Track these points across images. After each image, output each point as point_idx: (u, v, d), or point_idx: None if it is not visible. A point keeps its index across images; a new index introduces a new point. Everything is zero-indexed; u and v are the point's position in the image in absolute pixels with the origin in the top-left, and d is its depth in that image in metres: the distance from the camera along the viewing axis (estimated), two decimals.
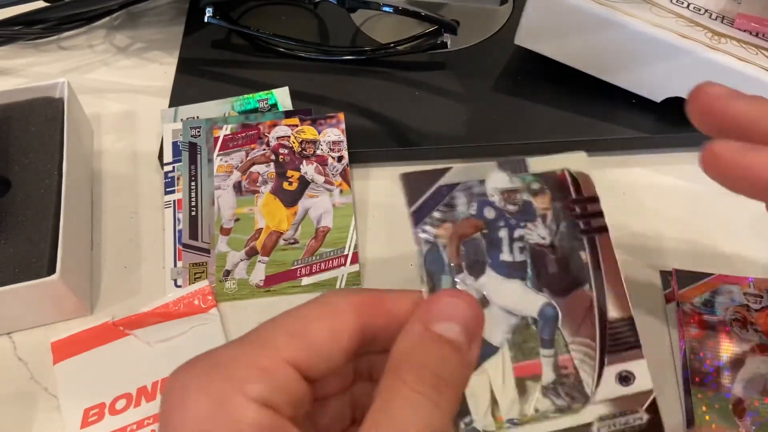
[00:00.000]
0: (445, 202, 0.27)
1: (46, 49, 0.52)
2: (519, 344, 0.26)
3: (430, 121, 0.45)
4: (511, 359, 0.26)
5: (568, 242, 0.27)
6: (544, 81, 0.47)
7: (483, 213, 0.27)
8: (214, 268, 0.40)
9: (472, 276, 0.26)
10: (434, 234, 0.26)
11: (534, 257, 0.27)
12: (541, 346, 0.26)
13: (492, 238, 0.27)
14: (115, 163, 0.45)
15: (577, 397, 0.26)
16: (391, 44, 0.49)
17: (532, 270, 0.27)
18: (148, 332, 0.37)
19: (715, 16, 0.43)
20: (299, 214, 0.41)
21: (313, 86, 0.48)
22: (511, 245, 0.27)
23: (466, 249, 0.27)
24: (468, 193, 0.27)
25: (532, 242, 0.27)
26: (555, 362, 0.26)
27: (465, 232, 0.27)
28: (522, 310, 0.26)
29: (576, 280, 0.27)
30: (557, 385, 0.26)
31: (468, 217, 0.27)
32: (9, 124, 0.42)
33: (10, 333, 0.39)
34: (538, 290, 0.26)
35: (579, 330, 0.26)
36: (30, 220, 0.38)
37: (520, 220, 0.27)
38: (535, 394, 0.26)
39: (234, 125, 0.44)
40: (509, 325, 0.26)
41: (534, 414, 0.26)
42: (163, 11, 0.55)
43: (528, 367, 0.26)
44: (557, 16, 0.42)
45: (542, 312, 0.26)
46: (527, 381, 0.26)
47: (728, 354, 0.35)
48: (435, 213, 0.27)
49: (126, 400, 0.35)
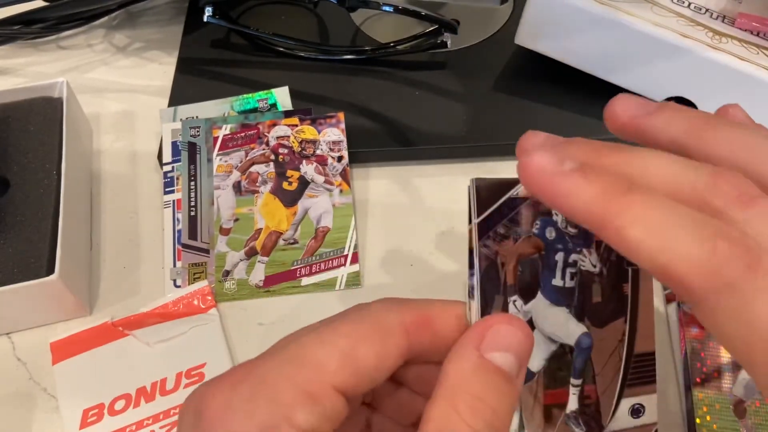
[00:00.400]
0: (510, 216, 0.25)
1: (45, 48, 0.52)
2: (553, 371, 0.26)
3: (430, 121, 0.45)
4: (544, 386, 0.26)
5: (615, 273, 0.26)
6: (544, 81, 0.47)
7: (545, 233, 0.26)
8: (214, 268, 0.40)
9: (522, 299, 0.25)
10: (495, 251, 0.25)
11: (582, 284, 0.26)
12: (572, 375, 0.26)
13: (548, 261, 0.26)
14: (115, 162, 0.45)
15: (594, 427, 0.26)
16: (391, 44, 0.49)
17: (578, 298, 0.26)
18: (148, 332, 0.37)
19: (716, 15, 0.43)
20: (299, 214, 0.41)
21: (313, 86, 0.48)
22: (564, 270, 0.26)
23: (522, 270, 0.25)
24: (534, 209, 0.25)
25: (584, 269, 0.26)
26: (581, 391, 0.26)
27: (525, 251, 0.25)
28: (562, 337, 0.26)
29: (615, 312, 0.26)
30: (578, 414, 0.26)
31: (530, 236, 0.25)
32: (8, 123, 0.42)
33: (9, 333, 0.38)
34: (579, 319, 0.26)
35: (607, 361, 0.26)
36: (29, 220, 0.38)
37: (577, 245, 0.26)
38: (558, 422, 0.26)
39: (233, 125, 0.44)
40: (548, 352, 0.26)
41: None
42: (162, 11, 0.55)
43: (557, 395, 0.26)
44: (558, 15, 0.42)
45: (579, 341, 0.26)
46: (554, 408, 0.26)
47: (729, 355, 0.35)
48: (499, 228, 0.25)
49: (125, 401, 0.35)
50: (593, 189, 0.19)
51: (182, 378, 0.36)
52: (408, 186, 0.44)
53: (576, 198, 0.19)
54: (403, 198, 0.43)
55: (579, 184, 0.19)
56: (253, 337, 0.38)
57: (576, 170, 0.20)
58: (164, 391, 0.35)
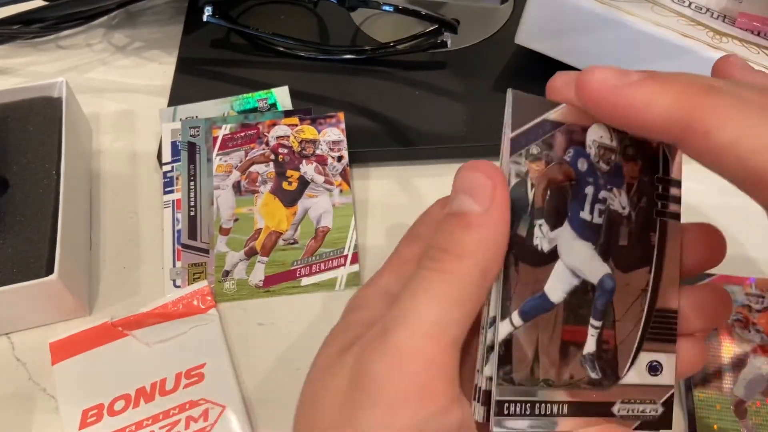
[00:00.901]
0: (544, 138, 0.25)
1: (45, 48, 0.52)
2: (574, 307, 0.25)
3: (430, 121, 0.45)
4: (563, 320, 0.25)
5: (644, 219, 0.26)
6: (544, 81, 0.46)
7: (577, 163, 0.25)
8: (213, 268, 0.40)
9: (549, 225, 0.25)
10: (526, 169, 0.25)
11: (610, 224, 0.25)
12: (593, 315, 0.25)
13: (578, 192, 0.25)
14: (114, 162, 0.45)
15: (609, 374, 0.25)
16: (391, 43, 0.49)
17: (605, 236, 0.25)
18: (147, 333, 0.37)
19: (716, 15, 0.43)
20: (299, 214, 0.41)
21: (313, 86, 0.48)
22: (593, 205, 0.25)
23: (551, 195, 0.25)
24: (569, 137, 0.25)
25: (613, 208, 0.25)
26: (600, 334, 0.25)
27: (555, 177, 0.25)
28: (586, 273, 0.25)
29: (641, 259, 0.26)
30: (595, 357, 0.25)
31: (561, 163, 0.25)
32: (7, 123, 0.42)
33: (9, 333, 0.38)
34: (604, 258, 0.25)
35: (629, 309, 0.26)
36: (28, 220, 0.38)
37: (608, 182, 0.25)
38: (574, 361, 0.25)
39: (233, 125, 0.44)
40: (570, 285, 0.25)
41: (568, 380, 0.25)
42: (161, 10, 0.54)
43: (576, 333, 0.25)
44: (558, 15, 0.42)
45: (602, 282, 0.25)
46: (571, 346, 0.25)
47: (730, 355, 0.35)
48: (533, 147, 0.25)
49: (125, 401, 0.35)
50: (672, 93, 0.18)
51: (182, 378, 0.35)
52: (408, 186, 0.44)
53: (653, 106, 0.18)
54: (403, 198, 0.43)
55: (654, 89, 0.18)
56: (253, 337, 0.38)
57: (647, 78, 0.19)
58: (164, 391, 0.35)
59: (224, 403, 0.35)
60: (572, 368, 0.25)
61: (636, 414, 0.26)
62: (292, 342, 0.38)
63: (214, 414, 0.34)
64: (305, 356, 0.35)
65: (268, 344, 0.38)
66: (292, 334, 0.38)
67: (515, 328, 0.25)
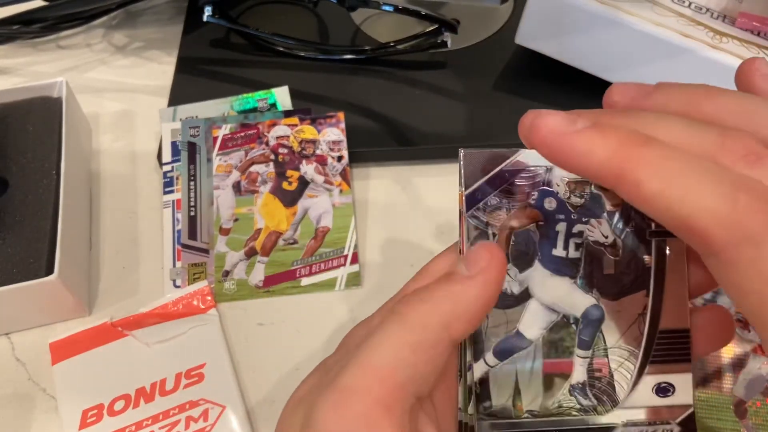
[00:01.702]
0: (503, 188, 0.25)
1: (45, 48, 0.52)
2: (555, 341, 0.25)
3: (430, 121, 0.45)
4: (543, 355, 0.25)
5: (634, 243, 0.25)
6: (544, 81, 0.47)
7: (543, 204, 0.25)
8: (213, 268, 0.40)
9: (516, 268, 0.25)
10: (485, 221, 0.25)
11: (590, 256, 0.25)
12: (578, 346, 0.25)
13: (547, 232, 0.25)
14: (114, 162, 0.45)
15: (606, 401, 0.25)
16: (391, 43, 0.49)
17: (585, 269, 0.25)
18: (147, 333, 0.37)
19: (716, 15, 0.43)
20: (299, 214, 0.41)
21: (313, 85, 0.47)
22: (567, 241, 0.25)
23: (516, 240, 0.25)
24: (531, 181, 0.25)
25: (592, 239, 0.25)
26: (590, 364, 0.25)
27: (519, 222, 0.25)
28: (565, 308, 0.25)
29: (633, 284, 0.25)
30: (586, 386, 0.25)
31: (525, 207, 0.25)
32: (7, 123, 0.42)
33: (9, 333, 0.38)
34: (587, 290, 0.25)
35: (623, 335, 0.25)
36: (28, 220, 0.38)
37: (582, 215, 0.25)
38: (560, 392, 0.25)
39: (233, 125, 0.44)
40: (548, 322, 0.25)
41: (556, 409, 0.25)
42: (161, 10, 0.54)
43: (559, 365, 0.25)
44: (558, 15, 0.42)
45: (587, 313, 0.25)
46: (556, 378, 0.25)
47: (730, 355, 0.35)
48: (491, 199, 0.25)
49: (125, 401, 0.35)
50: (609, 144, 0.19)
51: (182, 378, 0.35)
52: (408, 186, 0.44)
53: (592, 155, 0.19)
54: (403, 198, 0.43)
55: (594, 139, 0.19)
56: (252, 337, 0.38)
57: (589, 127, 0.20)
58: (164, 391, 0.35)
59: (224, 403, 0.35)
60: (560, 398, 0.25)
61: None
62: (292, 342, 0.38)
63: (214, 414, 0.34)
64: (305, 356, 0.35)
65: (268, 344, 0.38)
66: (291, 334, 0.38)
67: (491, 367, 0.25)
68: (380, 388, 0.21)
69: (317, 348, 0.37)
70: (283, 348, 0.37)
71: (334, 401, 0.21)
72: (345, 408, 0.21)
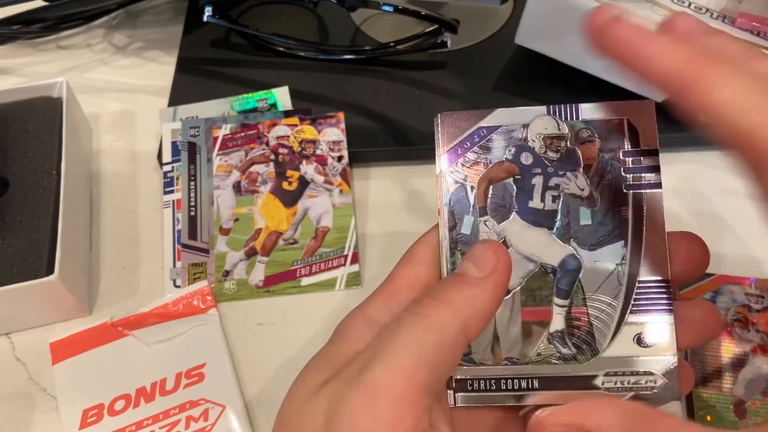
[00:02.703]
0: (481, 144, 0.27)
1: (45, 48, 0.52)
2: (533, 290, 0.26)
3: (430, 121, 0.45)
4: (522, 303, 0.26)
5: (610, 196, 0.26)
6: (544, 81, 0.46)
7: (519, 158, 0.27)
8: (214, 268, 0.40)
9: (495, 219, 0.27)
10: (464, 175, 0.27)
11: (567, 207, 0.26)
12: (556, 295, 0.26)
13: (524, 185, 0.27)
14: (114, 162, 0.45)
15: (585, 350, 0.26)
16: (391, 43, 0.49)
17: (562, 220, 0.26)
18: (147, 333, 0.37)
19: (716, 15, 0.43)
20: (299, 214, 0.41)
21: (313, 86, 0.48)
22: (544, 193, 0.27)
23: (494, 192, 0.27)
24: (508, 136, 0.27)
25: (568, 192, 0.27)
26: (568, 312, 0.26)
27: (496, 175, 0.27)
28: (542, 257, 0.26)
29: (610, 235, 0.26)
30: (565, 334, 0.26)
31: (502, 162, 0.27)
32: (7, 123, 0.42)
33: (9, 333, 0.38)
34: (564, 241, 0.26)
35: (601, 285, 0.26)
36: (28, 220, 0.38)
37: (559, 169, 0.27)
38: (540, 339, 0.26)
39: (233, 125, 0.44)
40: (525, 271, 0.26)
41: (535, 357, 0.26)
42: (162, 10, 0.54)
43: (537, 313, 0.26)
44: (558, 15, 0.42)
45: (564, 262, 0.26)
46: (534, 326, 0.26)
47: (729, 354, 0.35)
48: (469, 154, 0.27)
49: (125, 401, 0.35)
50: (682, 52, 0.21)
51: (182, 378, 0.35)
52: (408, 186, 0.44)
53: (662, 59, 0.21)
54: (403, 198, 0.43)
55: (667, 46, 0.21)
56: (252, 337, 0.38)
57: (664, 36, 0.22)
58: (164, 391, 0.35)
59: (224, 403, 0.35)
60: (540, 346, 0.26)
61: (628, 386, 0.26)
62: (292, 342, 0.38)
63: (214, 414, 0.34)
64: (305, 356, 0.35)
65: (268, 344, 0.38)
66: (291, 334, 0.38)
67: None
68: (406, 386, 0.22)
69: (317, 348, 0.37)
70: (283, 348, 0.37)
71: (363, 396, 0.22)
72: (374, 403, 0.22)
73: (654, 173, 0.27)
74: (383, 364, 0.23)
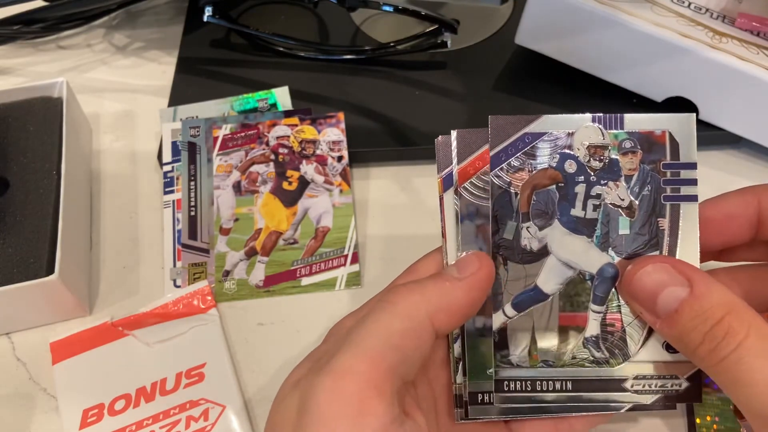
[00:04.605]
0: (526, 150, 0.27)
1: (45, 48, 0.52)
2: (570, 296, 0.27)
3: (430, 121, 0.45)
4: (559, 308, 0.27)
5: (649, 206, 0.27)
6: (544, 81, 0.47)
7: (563, 166, 0.27)
8: (214, 268, 0.40)
9: (536, 225, 0.27)
10: (508, 181, 0.27)
11: (607, 217, 0.27)
12: (593, 301, 0.27)
13: (567, 192, 0.27)
14: (114, 162, 0.45)
15: (617, 354, 0.27)
16: (391, 44, 0.49)
17: (602, 229, 0.27)
18: (148, 332, 0.37)
19: (716, 15, 0.43)
20: (299, 214, 0.41)
21: (313, 86, 0.48)
22: (585, 201, 0.27)
23: (537, 199, 0.27)
24: (553, 144, 0.27)
25: (609, 202, 0.27)
26: (603, 318, 0.27)
27: (540, 182, 0.27)
28: (581, 264, 0.27)
29: (647, 245, 0.27)
30: (599, 339, 0.27)
31: (546, 168, 0.27)
32: (7, 123, 0.42)
33: (9, 333, 0.38)
34: (603, 249, 0.27)
35: None
36: (28, 220, 0.38)
37: (601, 178, 0.27)
38: (575, 343, 0.27)
39: (233, 125, 0.44)
40: (564, 277, 0.27)
41: (570, 360, 0.27)
42: (162, 10, 0.54)
43: (574, 318, 0.27)
44: (558, 15, 0.42)
45: (602, 270, 0.27)
46: (570, 330, 0.27)
47: None
48: (513, 160, 0.27)
49: (125, 401, 0.35)
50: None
51: (182, 378, 0.35)
52: (408, 186, 0.44)
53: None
54: (403, 198, 0.43)
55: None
56: (253, 337, 0.38)
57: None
58: (164, 391, 0.35)
59: (224, 403, 0.35)
60: (574, 350, 0.27)
61: (655, 389, 0.27)
62: (292, 342, 0.38)
63: (214, 414, 0.34)
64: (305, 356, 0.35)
65: (268, 344, 0.38)
66: (292, 334, 0.38)
67: (509, 318, 0.27)
68: (372, 371, 0.22)
69: None
70: (283, 348, 0.37)
71: (330, 383, 0.22)
72: (340, 389, 0.22)
73: (691, 186, 0.27)
74: (350, 350, 0.23)
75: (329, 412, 0.22)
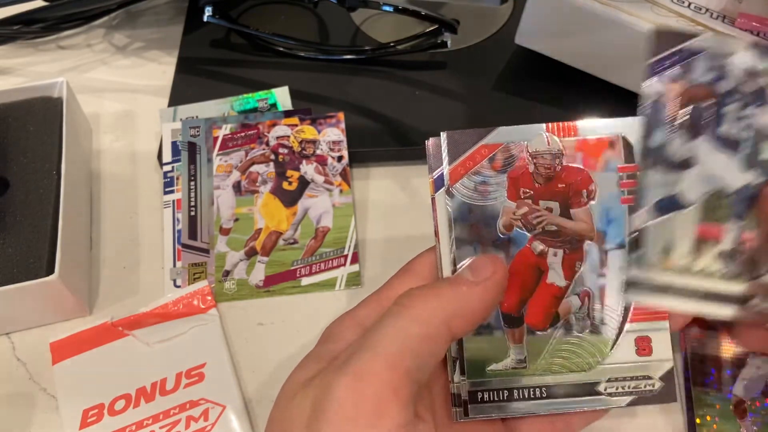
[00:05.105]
0: (683, 63, 0.28)
1: (45, 48, 0.52)
2: (710, 208, 0.27)
3: (430, 121, 0.45)
4: (698, 219, 0.27)
5: None
6: (544, 81, 0.47)
7: (718, 84, 0.28)
8: (214, 268, 0.40)
9: (687, 136, 0.27)
10: (664, 90, 0.28)
11: (756, 138, 0.27)
12: (731, 217, 0.27)
13: (719, 109, 0.27)
14: (114, 162, 0.45)
15: (744, 271, 0.27)
16: (391, 44, 0.49)
17: (749, 149, 0.27)
18: (148, 332, 0.37)
19: (716, 15, 0.43)
20: (299, 214, 0.41)
21: (313, 86, 0.48)
22: (735, 121, 0.27)
23: (690, 111, 0.27)
24: (711, 61, 0.28)
25: (757, 124, 0.27)
26: (738, 235, 0.27)
27: (695, 95, 0.27)
28: (724, 180, 0.27)
29: None
30: (733, 254, 0.27)
31: (701, 84, 0.27)
32: (7, 123, 0.42)
33: (9, 333, 0.38)
34: (746, 168, 0.27)
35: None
36: (28, 220, 0.38)
37: (753, 101, 0.27)
38: (708, 255, 0.27)
39: (233, 125, 0.44)
40: (707, 189, 0.27)
41: (700, 270, 0.27)
42: (162, 10, 0.54)
43: (710, 231, 0.27)
44: (558, 15, 0.42)
45: (743, 188, 0.27)
46: (705, 242, 0.27)
47: (729, 355, 0.35)
48: (672, 70, 0.28)
49: (125, 401, 0.35)
50: None
51: (182, 378, 0.35)
52: (408, 186, 0.44)
53: None
54: (403, 198, 0.43)
55: None
56: (253, 337, 0.38)
57: None
58: (164, 391, 0.35)
59: (224, 403, 0.35)
60: (708, 262, 0.27)
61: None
62: (292, 342, 0.38)
63: (214, 414, 0.34)
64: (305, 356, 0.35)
65: (268, 344, 0.38)
66: (292, 334, 0.38)
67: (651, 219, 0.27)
68: (390, 373, 0.23)
69: None
70: (283, 348, 0.37)
71: (349, 382, 0.23)
72: (359, 389, 0.23)
73: None
74: (368, 353, 0.23)
75: (348, 410, 0.22)
